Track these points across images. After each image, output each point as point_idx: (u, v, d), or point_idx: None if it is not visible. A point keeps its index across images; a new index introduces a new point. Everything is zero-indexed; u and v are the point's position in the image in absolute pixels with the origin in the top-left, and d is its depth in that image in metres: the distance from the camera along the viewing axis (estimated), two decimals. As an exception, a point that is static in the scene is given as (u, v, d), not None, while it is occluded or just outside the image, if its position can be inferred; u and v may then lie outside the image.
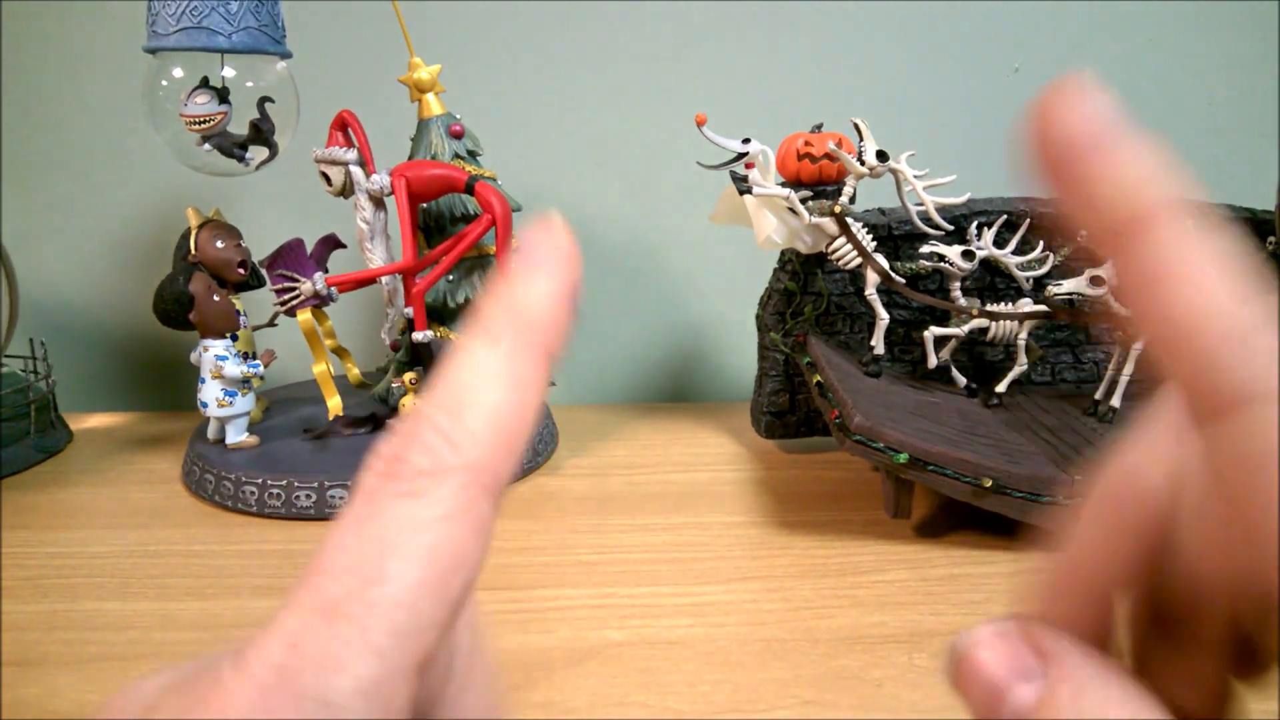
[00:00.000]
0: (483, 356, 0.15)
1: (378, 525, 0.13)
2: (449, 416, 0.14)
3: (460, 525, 0.13)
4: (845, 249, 0.53)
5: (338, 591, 0.13)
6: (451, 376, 0.14)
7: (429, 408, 0.14)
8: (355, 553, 0.13)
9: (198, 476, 0.54)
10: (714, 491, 0.55)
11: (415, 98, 0.59)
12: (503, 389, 0.14)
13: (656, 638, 0.39)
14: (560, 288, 0.16)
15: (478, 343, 0.15)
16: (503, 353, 0.15)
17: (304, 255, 0.57)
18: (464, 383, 0.14)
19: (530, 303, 0.15)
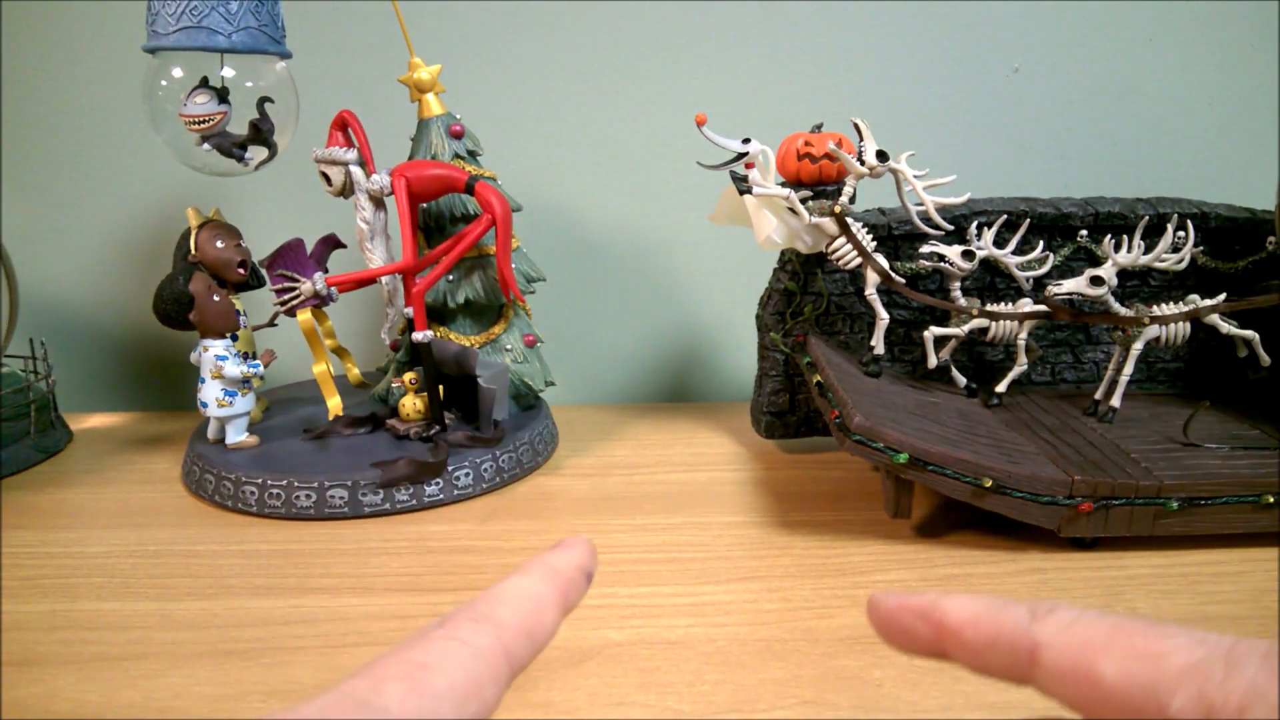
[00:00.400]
0: (518, 580, 0.21)
1: (427, 648, 0.18)
2: (488, 605, 0.20)
3: (485, 666, 0.18)
4: (845, 249, 0.53)
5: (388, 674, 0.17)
6: (493, 587, 0.21)
7: (474, 600, 0.20)
8: (407, 657, 0.18)
9: (198, 476, 0.54)
10: (714, 491, 0.55)
11: (415, 98, 0.59)
12: (531, 602, 0.20)
13: (656, 638, 0.39)
14: (583, 563, 0.22)
15: (516, 575, 0.21)
16: (534, 582, 0.21)
17: (304, 255, 0.57)
18: (502, 590, 0.20)
19: (560, 564, 0.22)
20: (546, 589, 0.21)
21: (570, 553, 0.23)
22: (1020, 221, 0.56)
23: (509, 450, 0.56)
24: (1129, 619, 0.19)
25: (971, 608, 0.20)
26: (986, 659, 0.20)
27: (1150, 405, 0.58)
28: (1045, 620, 0.19)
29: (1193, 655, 0.17)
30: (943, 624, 0.21)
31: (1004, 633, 0.20)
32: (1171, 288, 0.60)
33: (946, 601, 0.21)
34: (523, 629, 0.20)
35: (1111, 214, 0.58)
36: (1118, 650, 0.18)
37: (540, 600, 0.21)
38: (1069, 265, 0.59)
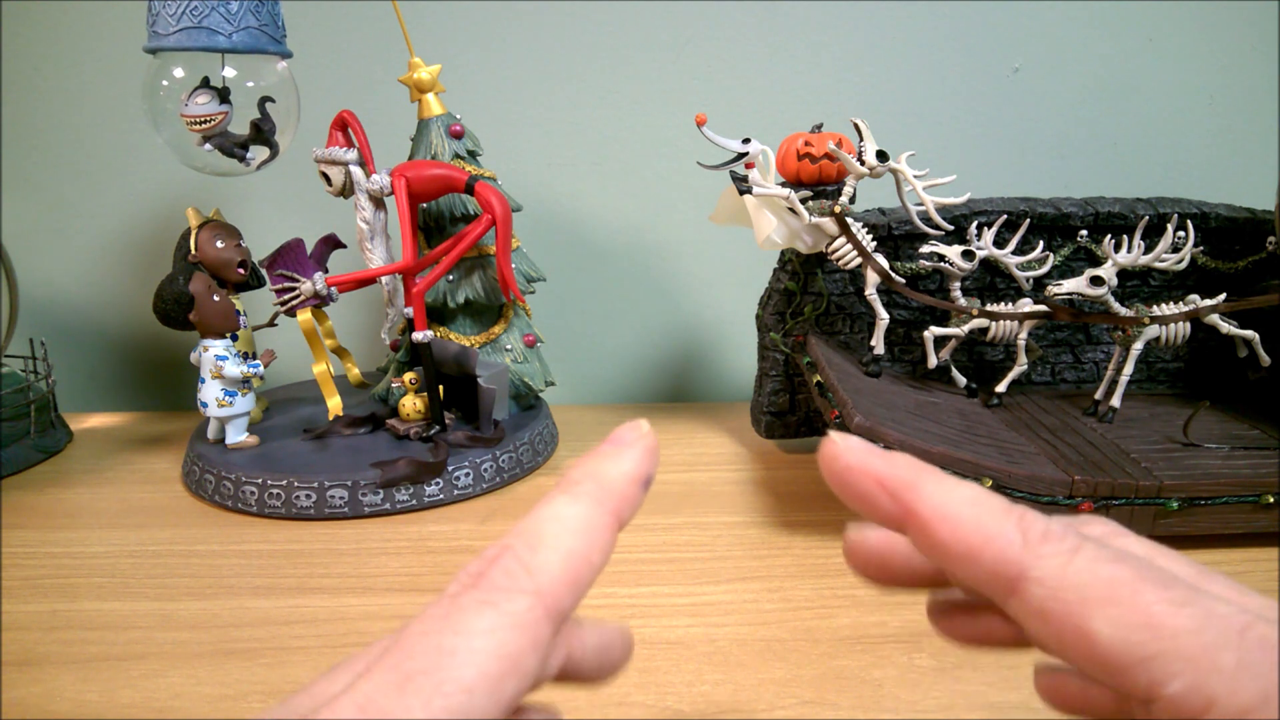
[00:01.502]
0: (563, 508, 0.18)
1: (456, 621, 0.16)
2: (528, 549, 0.17)
3: (523, 636, 0.16)
4: (845, 249, 0.53)
5: (412, 668, 0.15)
6: (535, 517, 0.18)
7: (512, 539, 0.17)
8: (435, 640, 0.16)
9: (198, 476, 0.54)
10: (714, 491, 0.55)
11: (415, 98, 0.59)
12: (576, 537, 0.17)
13: (656, 638, 0.39)
14: (640, 472, 0.19)
15: (562, 496, 0.18)
16: (582, 508, 0.18)
17: (304, 255, 0.57)
18: (544, 525, 0.17)
19: (613, 475, 0.19)
20: (598, 516, 0.18)
21: (625, 460, 0.19)
22: (1020, 221, 0.56)
23: (509, 450, 0.56)
24: (1137, 565, 0.17)
25: (952, 501, 0.18)
26: (958, 569, 0.18)
27: (1150, 405, 0.58)
28: (1039, 549, 0.17)
29: (1202, 636, 0.15)
30: (913, 510, 0.18)
31: (989, 547, 0.17)
32: (1171, 288, 0.60)
33: (926, 487, 0.18)
34: (568, 577, 0.17)
35: (1111, 214, 0.58)
36: (1118, 609, 0.16)
37: (590, 533, 0.18)
38: (1069, 265, 0.59)
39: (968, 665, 0.36)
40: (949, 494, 0.18)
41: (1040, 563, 0.17)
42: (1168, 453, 0.49)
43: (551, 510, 0.18)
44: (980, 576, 0.17)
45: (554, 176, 0.74)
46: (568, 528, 0.17)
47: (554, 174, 0.74)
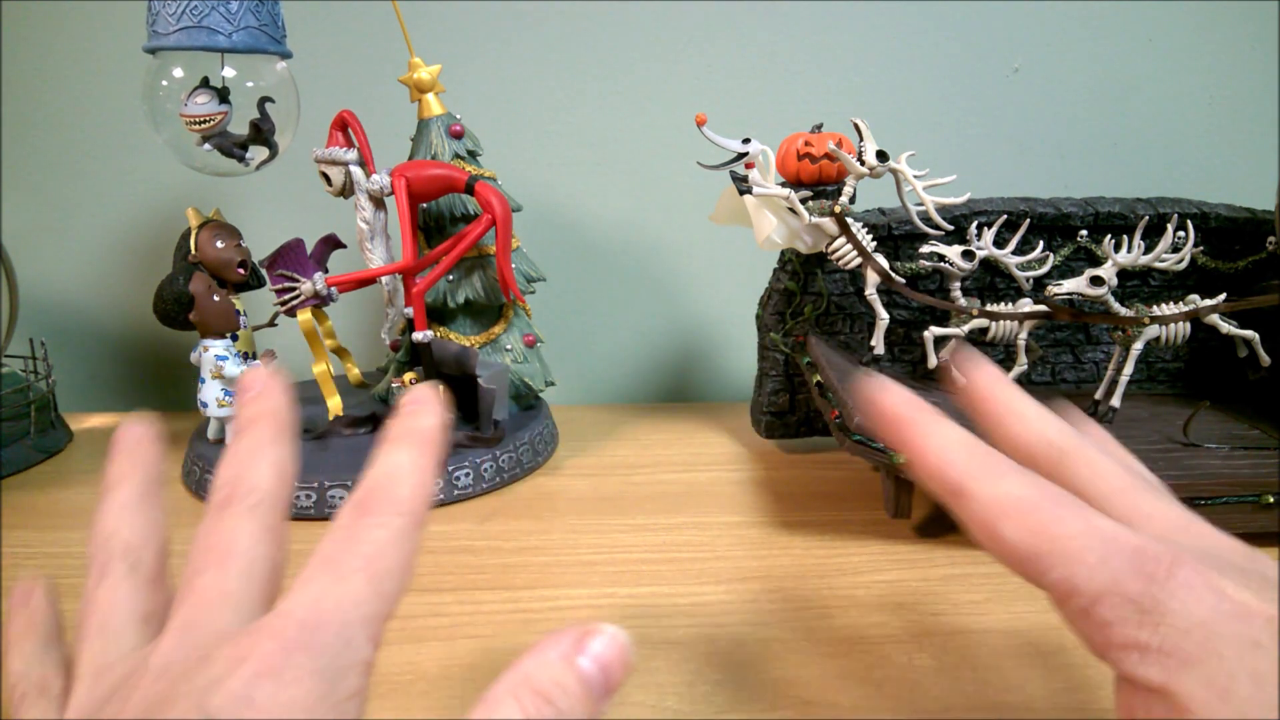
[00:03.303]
0: (401, 454, 0.23)
1: (362, 537, 0.22)
2: (392, 485, 0.23)
3: (409, 543, 0.22)
4: (845, 249, 0.53)
5: (346, 568, 0.21)
6: (383, 464, 0.23)
7: (374, 480, 0.23)
8: (352, 552, 0.21)
9: (198, 476, 0.54)
10: (714, 491, 0.55)
11: (415, 98, 0.59)
12: (418, 472, 0.23)
13: (656, 638, 0.39)
14: (439, 422, 0.25)
15: (395, 445, 0.24)
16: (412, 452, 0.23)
17: (304, 255, 0.57)
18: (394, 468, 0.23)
19: (424, 426, 0.24)
20: (428, 459, 0.24)
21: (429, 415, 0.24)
22: (1020, 221, 0.56)
23: (509, 450, 0.56)
24: (1044, 493, 0.23)
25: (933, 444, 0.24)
26: (927, 484, 0.25)
27: (1150, 405, 0.58)
28: (977, 475, 0.23)
29: (1075, 542, 0.21)
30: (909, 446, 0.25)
31: (945, 474, 0.24)
32: (1171, 288, 0.60)
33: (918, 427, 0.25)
34: (424, 502, 0.23)
35: (1111, 214, 0.58)
36: (1019, 519, 0.22)
37: (428, 471, 0.23)
38: (1069, 265, 0.59)
39: (967, 665, 0.36)
40: (930, 431, 0.25)
41: (974, 486, 0.23)
42: (1168, 452, 0.49)
43: (395, 458, 0.23)
44: (939, 491, 0.24)
45: (554, 176, 0.74)
46: (410, 468, 0.23)
47: (554, 174, 0.74)
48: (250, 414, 0.26)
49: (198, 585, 0.22)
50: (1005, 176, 0.75)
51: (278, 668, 0.18)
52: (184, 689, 0.19)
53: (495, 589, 0.43)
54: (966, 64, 0.74)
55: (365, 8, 0.70)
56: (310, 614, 0.20)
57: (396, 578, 0.21)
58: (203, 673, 0.19)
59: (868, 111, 0.56)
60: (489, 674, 0.37)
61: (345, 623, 0.20)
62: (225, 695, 0.18)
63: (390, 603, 0.21)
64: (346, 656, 0.19)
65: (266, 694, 0.18)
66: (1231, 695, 0.18)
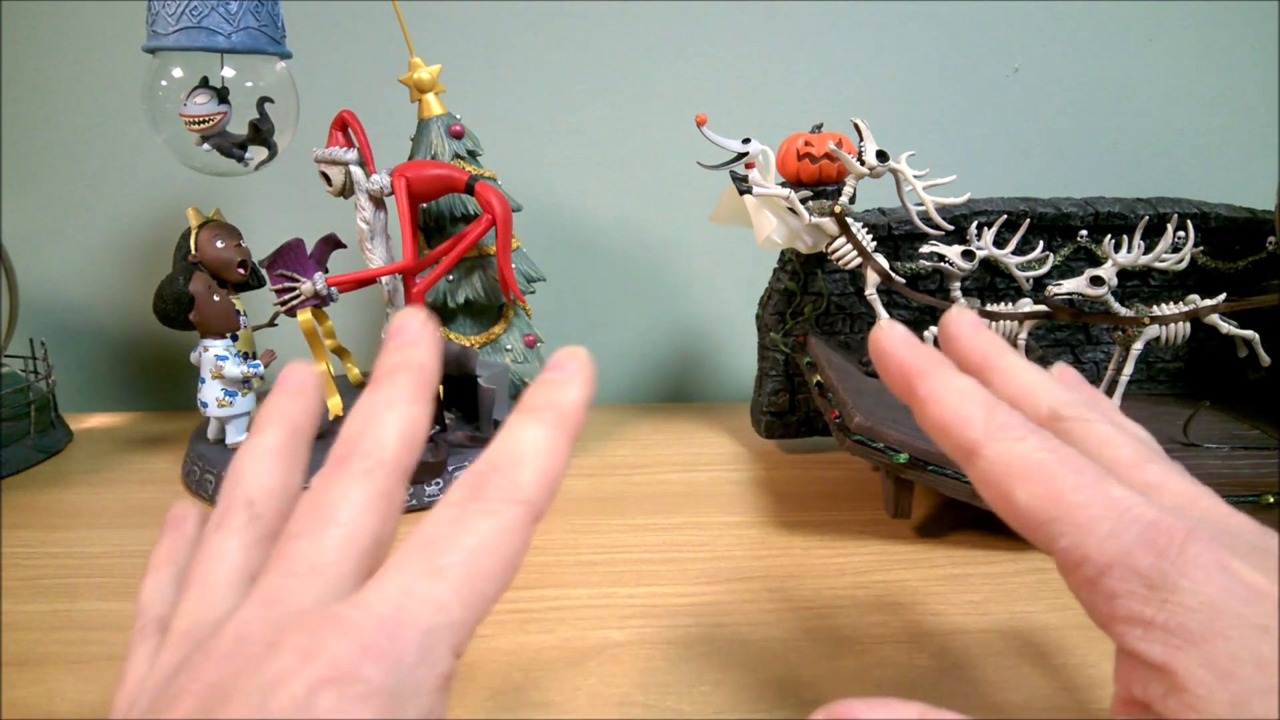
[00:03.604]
0: (532, 431, 0.21)
1: (468, 526, 0.19)
2: (513, 468, 0.20)
3: (518, 538, 0.20)
4: (845, 249, 0.53)
5: (442, 562, 0.19)
6: (510, 439, 0.21)
7: (496, 460, 0.21)
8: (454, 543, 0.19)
9: (198, 476, 0.54)
10: (714, 491, 0.55)
11: (415, 98, 0.59)
12: (546, 457, 0.21)
13: (656, 638, 0.39)
14: (585, 396, 0.22)
15: (529, 422, 0.21)
16: (547, 432, 0.21)
17: (304, 255, 0.57)
18: (521, 447, 0.21)
19: (565, 400, 0.22)
20: (560, 438, 0.21)
21: (574, 388, 0.22)
22: (1020, 221, 0.56)
23: (509, 450, 0.56)
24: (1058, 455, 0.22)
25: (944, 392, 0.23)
26: (938, 438, 0.24)
27: (1150, 405, 0.58)
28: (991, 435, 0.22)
29: (1088, 509, 0.20)
30: (915, 392, 0.24)
31: (957, 429, 0.23)
32: (1171, 288, 0.60)
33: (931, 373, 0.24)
34: (545, 490, 0.20)
35: (1111, 214, 0.58)
36: (1032, 483, 0.21)
37: (556, 453, 0.21)
38: (1069, 265, 0.59)
39: (968, 665, 0.36)
40: (944, 384, 0.23)
41: (989, 445, 0.22)
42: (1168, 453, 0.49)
43: (523, 434, 0.21)
44: (949, 447, 0.23)
45: (554, 176, 0.74)
46: (539, 449, 0.21)
47: (554, 174, 0.74)
48: (394, 362, 0.22)
49: (290, 552, 0.20)
50: (1005, 176, 0.75)
51: (347, 675, 0.17)
52: (246, 682, 0.17)
53: (495, 589, 0.43)
54: (966, 64, 0.74)
55: (365, 8, 0.70)
56: (392, 613, 0.18)
57: (496, 580, 0.19)
58: (269, 664, 0.17)
59: (868, 111, 0.56)
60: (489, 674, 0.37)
61: (430, 629, 0.18)
62: (286, 700, 0.17)
63: (483, 609, 0.19)
64: (424, 670, 0.18)
65: (328, 704, 0.17)
66: (1233, 678, 0.18)
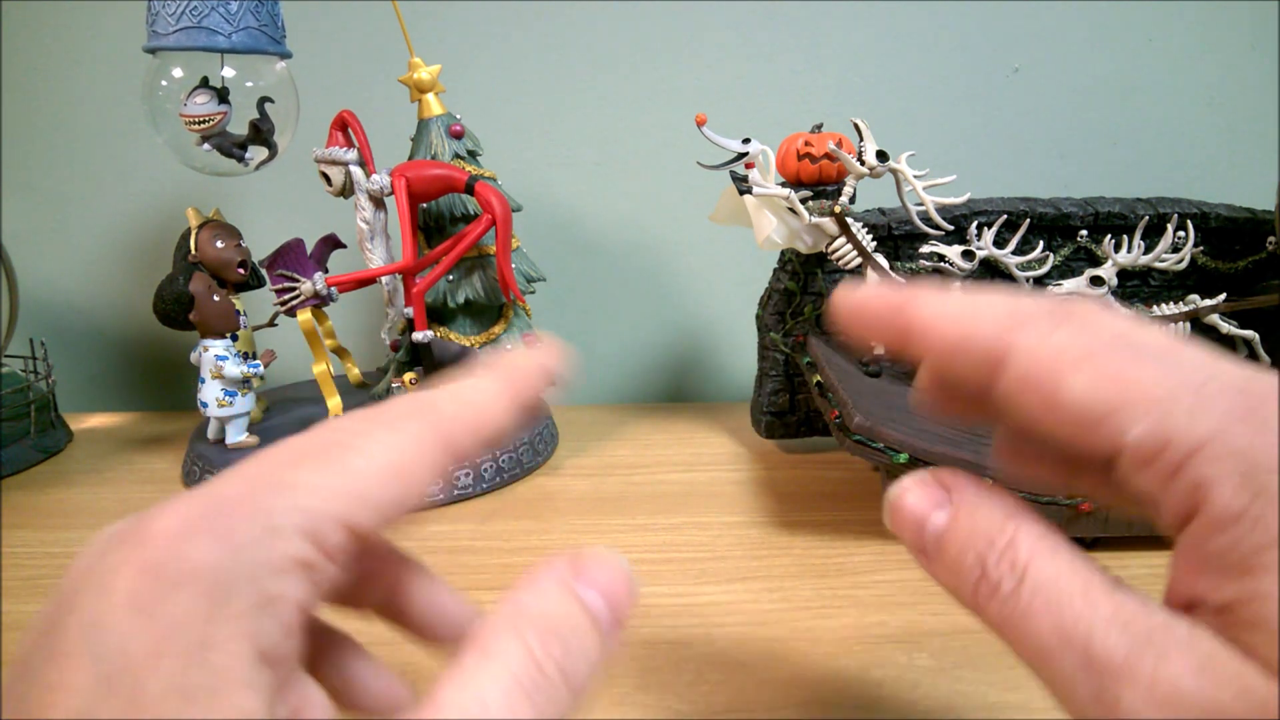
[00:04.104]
0: (478, 380, 0.21)
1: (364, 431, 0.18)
2: (431, 394, 0.20)
3: (414, 449, 0.18)
4: (845, 249, 0.53)
5: (312, 449, 0.18)
6: (445, 385, 0.21)
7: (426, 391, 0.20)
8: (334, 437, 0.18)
9: (198, 476, 0.54)
10: (714, 491, 0.55)
11: (415, 98, 0.59)
12: (474, 393, 0.20)
13: (656, 638, 0.39)
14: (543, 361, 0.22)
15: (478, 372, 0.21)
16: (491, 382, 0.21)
17: (304, 255, 0.57)
18: (449, 385, 0.21)
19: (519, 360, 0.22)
20: (496, 384, 0.21)
21: (532, 353, 0.22)
22: (1020, 221, 0.56)
23: (509, 450, 0.56)
24: (1113, 335, 0.18)
25: (944, 308, 0.20)
26: (954, 359, 0.19)
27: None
28: (1019, 330, 0.18)
29: (1163, 385, 0.17)
30: (912, 321, 0.20)
31: (977, 335, 0.19)
32: (1171, 288, 0.60)
33: (920, 298, 0.20)
34: (464, 418, 0.20)
35: (1111, 214, 0.58)
36: (1090, 367, 0.17)
37: (487, 393, 0.20)
38: (1069, 265, 0.59)
39: (968, 665, 0.36)
40: (944, 300, 0.20)
41: (1024, 335, 0.18)
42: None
43: (460, 380, 0.21)
44: (974, 366, 0.19)
45: (554, 176, 0.74)
46: (469, 388, 0.21)
47: (554, 174, 0.74)
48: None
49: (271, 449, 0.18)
50: (1005, 176, 0.75)
51: (169, 557, 0.15)
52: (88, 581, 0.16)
53: (495, 589, 0.43)
54: (966, 64, 0.74)
55: (365, 8, 0.70)
56: (234, 491, 0.16)
57: (379, 486, 0.18)
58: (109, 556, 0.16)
59: (868, 111, 0.56)
60: (489, 674, 0.37)
61: (272, 510, 0.16)
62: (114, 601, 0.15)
63: (361, 505, 0.17)
64: (261, 551, 0.16)
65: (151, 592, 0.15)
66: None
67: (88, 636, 0.15)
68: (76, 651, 0.15)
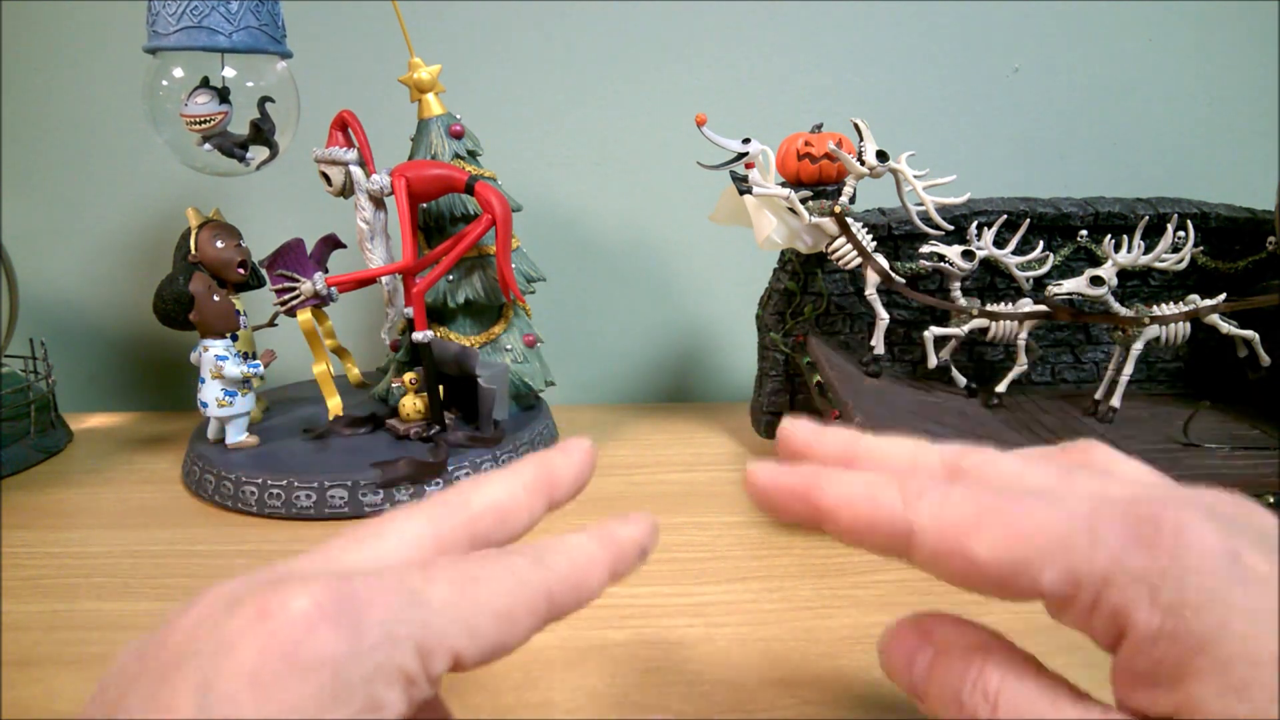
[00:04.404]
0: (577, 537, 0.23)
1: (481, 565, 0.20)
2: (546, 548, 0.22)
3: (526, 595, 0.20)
4: (845, 249, 0.53)
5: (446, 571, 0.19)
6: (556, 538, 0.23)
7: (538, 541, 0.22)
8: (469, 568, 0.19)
9: (198, 476, 0.54)
10: (714, 491, 0.55)
11: (415, 98, 0.59)
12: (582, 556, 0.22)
13: (656, 638, 0.39)
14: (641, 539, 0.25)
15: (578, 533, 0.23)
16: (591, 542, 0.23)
17: (304, 255, 0.57)
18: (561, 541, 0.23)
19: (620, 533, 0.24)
20: (601, 552, 0.23)
21: (631, 527, 0.24)
22: (1020, 221, 0.56)
23: (509, 450, 0.56)
24: (992, 494, 0.19)
25: (846, 491, 0.21)
26: (864, 539, 0.21)
27: (1150, 405, 0.58)
28: (917, 506, 0.20)
29: (1057, 530, 0.18)
30: (819, 507, 0.21)
31: (880, 517, 0.20)
32: (1171, 288, 0.60)
33: (823, 482, 0.21)
34: (570, 580, 0.21)
35: (1111, 214, 0.58)
36: (987, 531, 0.19)
37: (592, 560, 0.22)
38: (1069, 265, 0.59)
39: (968, 665, 0.36)
40: (844, 485, 0.21)
41: (921, 511, 0.19)
42: (1168, 452, 0.49)
43: (569, 537, 0.23)
44: (884, 544, 0.20)
45: (554, 176, 0.74)
46: (577, 550, 0.22)
47: (554, 174, 0.74)
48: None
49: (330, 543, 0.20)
50: (1005, 176, 0.75)
51: (298, 645, 0.16)
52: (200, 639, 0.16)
53: (495, 589, 0.43)
54: (966, 64, 0.74)
55: (365, 8, 0.70)
56: (368, 591, 0.17)
57: (491, 616, 0.19)
58: (229, 621, 0.16)
59: (868, 111, 0.56)
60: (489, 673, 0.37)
61: (400, 619, 0.17)
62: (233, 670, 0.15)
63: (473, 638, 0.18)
64: (381, 656, 0.16)
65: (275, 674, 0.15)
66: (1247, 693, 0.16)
67: (200, 700, 0.15)
68: (185, 707, 0.15)
